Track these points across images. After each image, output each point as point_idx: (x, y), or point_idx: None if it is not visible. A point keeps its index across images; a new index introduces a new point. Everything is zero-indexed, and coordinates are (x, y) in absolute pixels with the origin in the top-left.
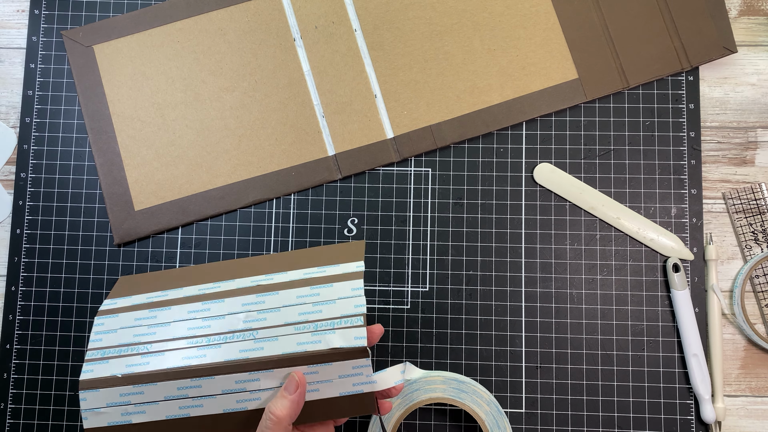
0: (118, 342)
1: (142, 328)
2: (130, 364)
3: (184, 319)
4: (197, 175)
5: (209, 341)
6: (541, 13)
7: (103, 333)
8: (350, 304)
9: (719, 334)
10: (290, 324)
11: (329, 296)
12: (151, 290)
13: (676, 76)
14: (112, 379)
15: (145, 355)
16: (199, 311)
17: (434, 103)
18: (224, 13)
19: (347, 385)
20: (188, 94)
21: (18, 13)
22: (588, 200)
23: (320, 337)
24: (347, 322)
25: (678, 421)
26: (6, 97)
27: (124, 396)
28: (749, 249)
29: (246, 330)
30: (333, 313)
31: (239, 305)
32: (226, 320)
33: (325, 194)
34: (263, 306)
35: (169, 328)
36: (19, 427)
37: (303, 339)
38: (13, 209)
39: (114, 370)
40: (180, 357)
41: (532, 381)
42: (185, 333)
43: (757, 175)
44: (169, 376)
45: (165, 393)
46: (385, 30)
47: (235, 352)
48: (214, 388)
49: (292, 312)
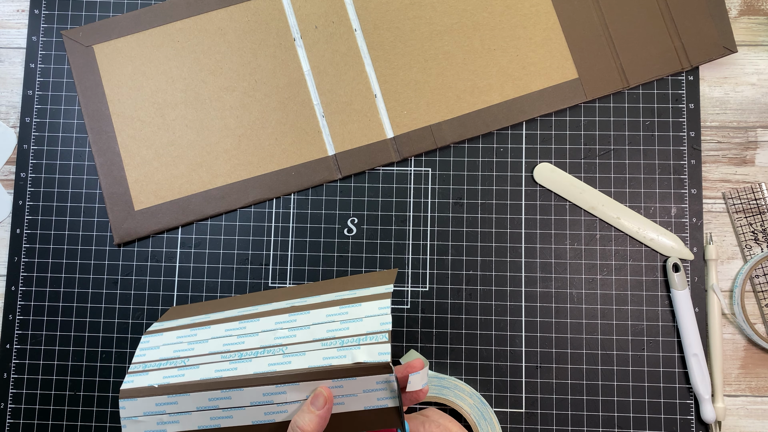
0: (159, 357)
1: (182, 345)
2: (167, 376)
3: (221, 336)
4: (197, 175)
5: (241, 356)
6: (541, 13)
7: (147, 349)
8: (377, 322)
9: (719, 334)
10: (318, 340)
11: (357, 315)
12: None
13: (676, 76)
14: (149, 389)
15: (181, 368)
16: (235, 329)
17: (434, 103)
18: (224, 13)
19: (372, 399)
20: (188, 94)
21: (18, 13)
22: (588, 200)
23: (346, 353)
24: (373, 339)
25: (678, 421)
26: (6, 97)
27: (159, 405)
28: (749, 249)
29: (276, 346)
30: (359, 330)
31: (272, 323)
32: (259, 337)
33: (325, 194)
34: (294, 324)
35: (206, 344)
36: (19, 427)
37: (329, 354)
38: (13, 209)
39: (152, 381)
40: (213, 369)
41: (532, 381)
42: (220, 348)
43: (757, 175)
44: (201, 387)
45: (197, 404)
46: (385, 30)
47: (264, 366)
48: (243, 400)
49: (320, 329)
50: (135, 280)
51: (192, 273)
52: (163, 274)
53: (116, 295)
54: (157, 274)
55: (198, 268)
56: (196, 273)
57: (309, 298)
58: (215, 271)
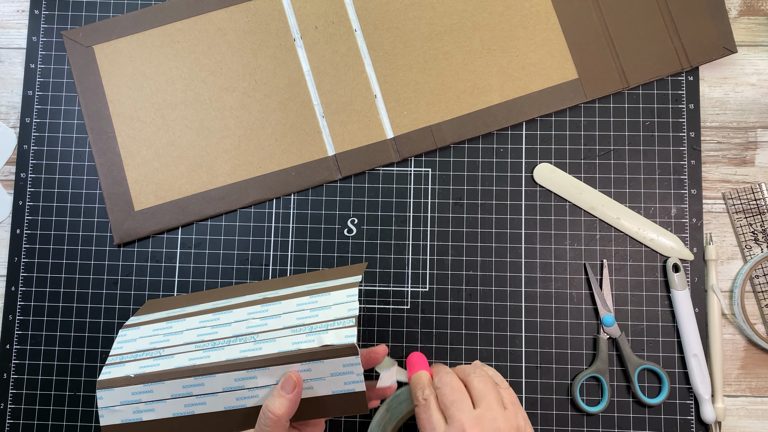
0: (136, 349)
1: (158, 337)
2: (142, 366)
3: (195, 328)
4: (197, 175)
5: (214, 345)
6: (541, 13)
7: (124, 342)
8: (344, 309)
9: (719, 334)
10: (288, 327)
11: (326, 303)
12: (173, 307)
13: (676, 76)
14: (125, 379)
15: (156, 358)
16: (209, 321)
17: (434, 103)
18: (224, 13)
19: (339, 383)
20: (188, 94)
21: (18, 13)
22: (588, 200)
23: (314, 337)
24: (340, 324)
25: (678, 421)
26: (6, 97)
27: (135, 394)
28: (749, 249)
29: (248, 334)
30: (328, 317)
31: (245, 314)
32: (232, 327)
33: (325, 194)
34: (266, 314)
35: (181, 335)
36: (19, 427)
37: (298, 339)
38: (13, 209)
39: (128, 371)
40: (186, 358)
41: (532, 381)
42: (194, 339)
43: (757, 175)
44: (175, 374)
45: (172, 391)
46: (385, 30)
47: (236, 353)
48: (216, 386)
49: (291, 317)
50: (135, 280)
51: (192, 273)
52: (163, 274)
53: (116, 295)
54: (157, 274)
55: (198, 268)
56: (196, 273)
57: (282, 290)
58: (215, 271)
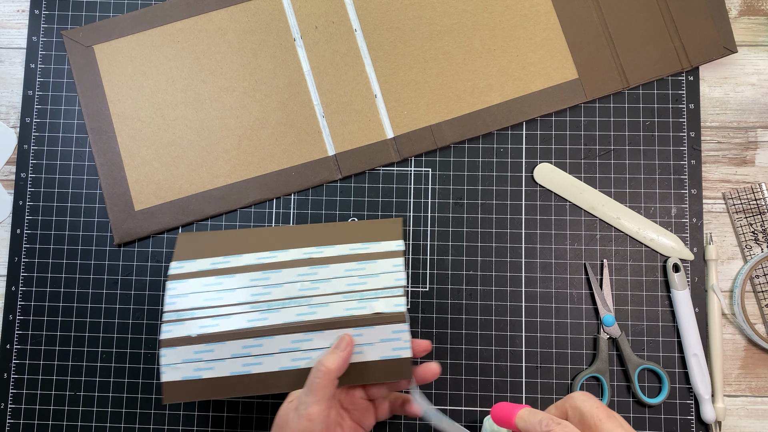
0: (190, 305)
1: (211, 294)
2: (203, 326)
3: (247, 286)
4: (197, 175)
5: (269, 306)
6: (541, 13)
7: (176, 297)
8: (392, 278)
9: (719, 334)
10: (339, 293)
11: (373, 270)
12: (212, 253)
13: (676, 76)
14: (188, 338)
15: (215, 317)
16: (260, 279)
17: (434, 103)
18: (224, 13)
19: (387, 349)
20: (188, 94)
21: (18, 13)
22: (588, 200)
23: (365, 304)
24: (389, 293)
25: (678, 421)
26: (6, 97)
27: (197, 353)
28: (749, 249)
29: (301, 297)
30: (376, 285)
31: (295, 275)
32: (284, 288)
33: (325, 194)
34: (316, 277)
35: (234, 294)
36: (19, 427)
37: (350, 305)
38: (13, 209)
39: (189, 330)
40: (245, 319)
41: (532, 381)
42: (249, 299)
43: (757, 175)
44: (236, 335)
45: (232, 351)
46: (385, 30)
47: (292, 316)
48: (273, 347)
49: (341, 283)
50: (135, 280)
51: None
52: (163, 274)
53: (116, 295)
54: (157, 274)
55: None
56: None
57: (324, 249)
58: None
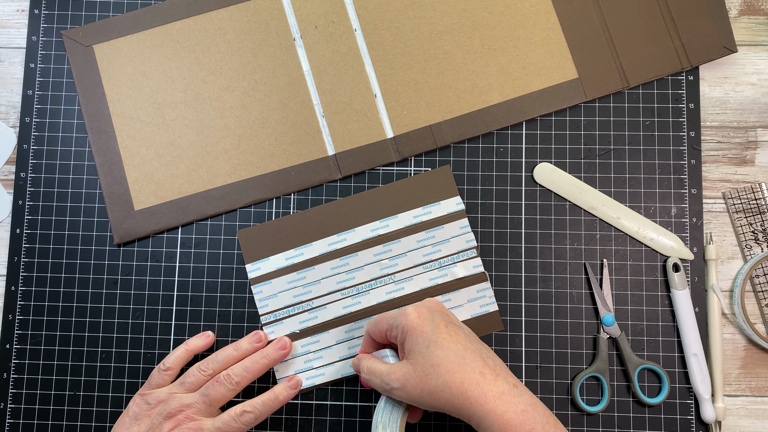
0: (283, 304)
1: (298, 289)
2: (302, 320)
3: (330, 276)
4: (197, 174)
5: (358, 290)
6: (541, 13)
7: (266, 299)
8: (462, 241)
9: (719, 334)
10: (419, 265)
11: (443, 236)
12: (281, 248)
13: (676, 76)
14: (293, 335)
15: (311, 311)
16: (340, 266)
17: (434, 103)
18: (224, 13)
19: (475, 307)
20: (188, 94)
21: (18, 12)
22: (588, 200)
23: (446, 271)
24: (464, 256)
25: (678, 420)
26: (6, 97)
27: (304, 346)
28: (749, 249)
29: (384, 276)
30: (450, 250)
31: (371, 256)
32: (366, 270)
33: (325, 194)
34: (392, 254)
35: (321, 285)
36: (19, 427)
37: (433, 275)
38: (13, 209)
39: (291, 327)
40: (340, 307)
41: (532, 381)
42: (336, 287)
43: (757, 174)
44: (337, 323)
45: (336, 338)
46: (385, 30)
47: (383, 295)
48: None
49: (417, 255)
50: (135, 280)
51: (192, 273)
52: (163, 274)
53: (116, 295)
54: (157, 274)
55: (198, 268)
56: (196, 273)
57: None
58: (215, 271)
